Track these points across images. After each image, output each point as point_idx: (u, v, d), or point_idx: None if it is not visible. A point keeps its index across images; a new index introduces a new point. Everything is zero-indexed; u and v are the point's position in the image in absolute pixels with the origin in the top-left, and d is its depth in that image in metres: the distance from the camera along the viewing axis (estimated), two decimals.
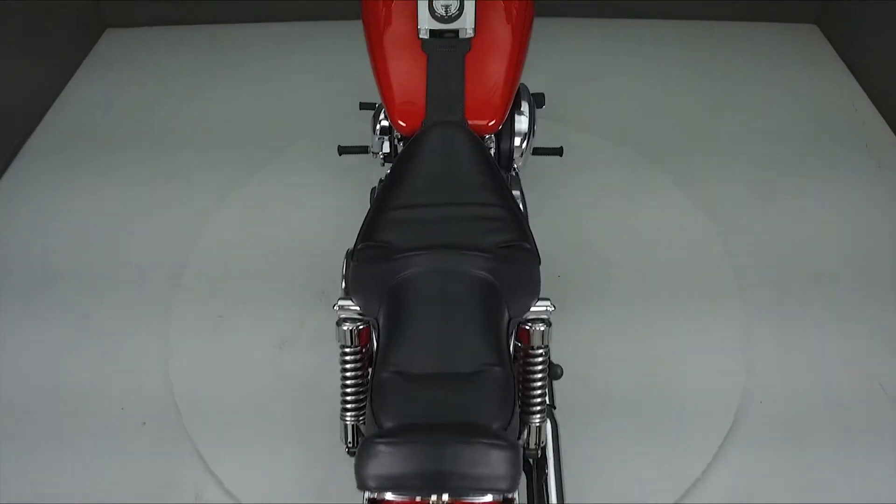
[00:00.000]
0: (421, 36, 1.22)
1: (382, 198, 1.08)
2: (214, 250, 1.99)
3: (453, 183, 1.10)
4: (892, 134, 2.39)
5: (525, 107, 1.38)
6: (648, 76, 2.65)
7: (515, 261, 0.94)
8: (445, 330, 0.87)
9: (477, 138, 1.16)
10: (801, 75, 2.66)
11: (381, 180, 1.55)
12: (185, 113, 2.50)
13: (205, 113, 2.50)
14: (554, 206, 2.08)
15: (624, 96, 2.56)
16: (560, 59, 2.69)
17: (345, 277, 1.23)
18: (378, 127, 1.41)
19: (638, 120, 2.45)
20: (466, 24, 1.21)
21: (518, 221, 1.04)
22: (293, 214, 2.10)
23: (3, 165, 2.25)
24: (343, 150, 1.70)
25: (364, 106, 1.70)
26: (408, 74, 1.21)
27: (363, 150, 1.66)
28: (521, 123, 1.37)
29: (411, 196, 1.08)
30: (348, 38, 2.37)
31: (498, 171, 1.13)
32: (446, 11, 1.19)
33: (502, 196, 1.07)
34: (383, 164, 1.53)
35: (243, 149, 2.33)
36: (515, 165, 1.39)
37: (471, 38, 1.22)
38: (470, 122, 1.18)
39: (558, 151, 1.69)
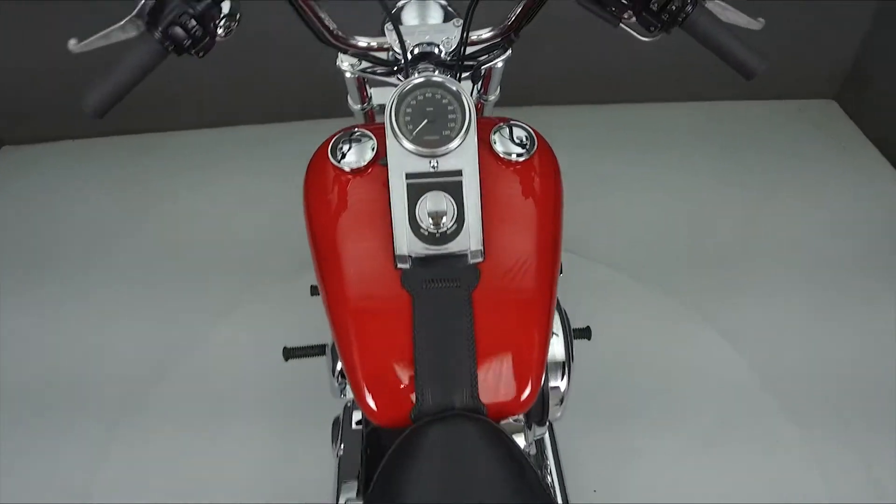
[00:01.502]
0: (400, 265, 0.76)
1: None
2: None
3: None
4: None
5: (557, 324, 0.91)
6: (657, 174, 2.25)
7: None
8: None
9: (506, 438, 0.70)
10: (824, 156, 2.33)
11: (346, 406, 1.08)
12: (84, 257, 1.99)
13: (107, 253, 1.99)
14: None
15: (634, 202, 2.14)
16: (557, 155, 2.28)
17: None
18: (337, 368, 0.93)
19: (649, 236, 2.03)
20: (471, 245, 0.72)
21: None
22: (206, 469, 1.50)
23: None
24: (290, 354, 1.21)
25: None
26: (382, 328, 0.74)
27: (320, 350, 1.19)
28: (555, 347, 0.90)
29: None
30: (286, 143, 1.93)
31: (547, 496, 0.67)
32: (437, 226, 0.74)
33: None
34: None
35: (147, 324, 1.78)
36: (551, 418, 0.93)
37: (478, 263, 0.77)
38: (487, 402, 0.72)
39: (585, 334, 1.23)
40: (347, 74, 0.92)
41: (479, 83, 0.98)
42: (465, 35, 0.83)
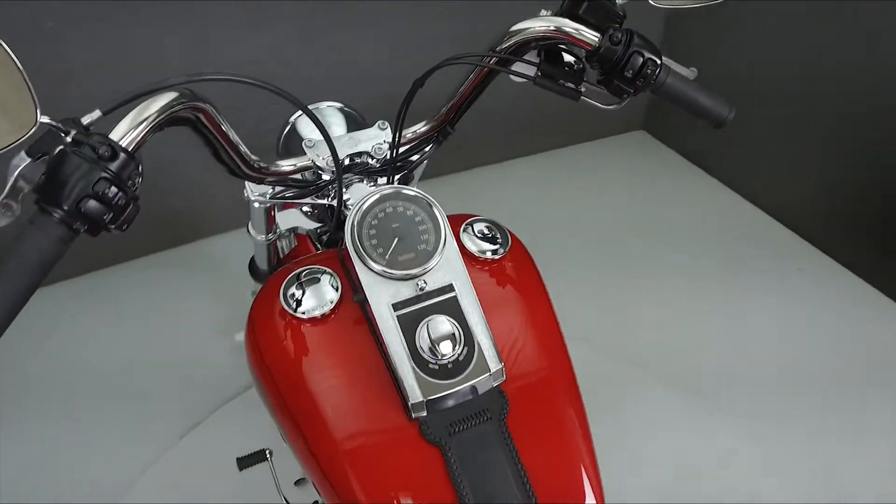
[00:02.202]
0: (416, 415, 0.63)
1: None
2: None
3: None
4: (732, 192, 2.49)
5: None
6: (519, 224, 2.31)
7: None
8: None
9: None
10: (650, 177, 2.62)
11: None
12: None
13: None
14: None
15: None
16: None
17: None
18: None
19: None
20: (491, 367, 0.62)
21: None
22: None
23: None
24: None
25: (246, 464, 1.04)
26: (410, 494, 0.61)
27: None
28: None
29: None
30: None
31: None
32: (439, 356, 0.60)
33: None
34: None
35: None
36: None
37: (501, 384, 0.66)
38: None
39: None
40: (256, 205, 0.79)
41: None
42: (397, 137, 0.74)
